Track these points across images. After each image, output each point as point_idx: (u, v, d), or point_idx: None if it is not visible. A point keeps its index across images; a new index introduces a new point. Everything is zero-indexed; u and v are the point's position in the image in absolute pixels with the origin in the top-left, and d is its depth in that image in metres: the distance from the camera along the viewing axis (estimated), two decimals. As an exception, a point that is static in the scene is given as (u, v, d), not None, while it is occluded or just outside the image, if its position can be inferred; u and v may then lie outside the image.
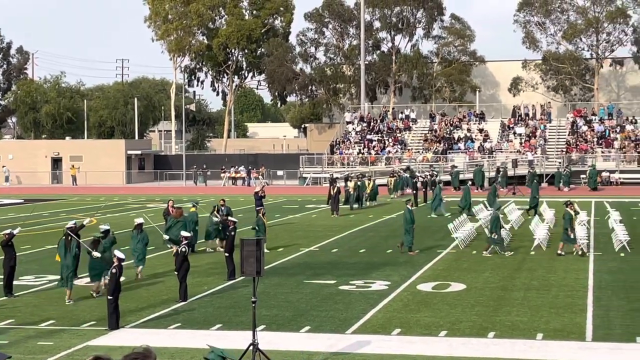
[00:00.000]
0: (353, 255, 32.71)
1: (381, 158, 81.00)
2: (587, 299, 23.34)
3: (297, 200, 60.21)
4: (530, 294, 24.16)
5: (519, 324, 20.46)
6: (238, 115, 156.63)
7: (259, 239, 17.48)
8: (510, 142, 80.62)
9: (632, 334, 19.40)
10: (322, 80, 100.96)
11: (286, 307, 22.79)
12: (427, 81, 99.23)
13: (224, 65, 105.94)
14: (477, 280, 26.46)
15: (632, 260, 30.33)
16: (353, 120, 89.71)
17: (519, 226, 40.95)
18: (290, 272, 28.51)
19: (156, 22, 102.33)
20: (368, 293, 24.59)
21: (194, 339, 19.48)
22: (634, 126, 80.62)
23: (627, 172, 73.68)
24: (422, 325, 20.50)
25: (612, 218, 39.25)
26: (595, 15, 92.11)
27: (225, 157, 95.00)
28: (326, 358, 17.75)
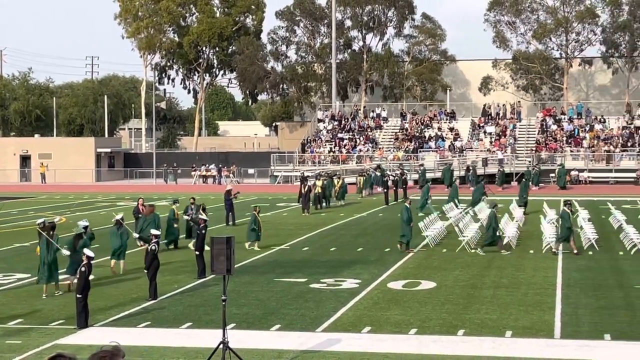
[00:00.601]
0: (324, 253, 32.74)
1: (352, 157, 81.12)
2: (556, 297, 23.51)
3: (268, 198, 60.17)
4: (500, 292, 24.30)
5: (488, 322, 20.57)
6: (209, 113, 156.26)
7: (229, 237, 17.43)
8: (481, 141, 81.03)
9: (600, 331, 19.57)
10: (294, 78, 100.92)
11: (256, 305, 22.78)
12: (398, 80, 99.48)
13: (194, 63, 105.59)
14: (447, 278, 26.57)
15: (600, 259, 30.58)
16: (324, 119, 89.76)
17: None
18: (261, 271, 28.50)
19: (127, 20, 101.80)
20: (339, 291, 24.63)
21: (164, 337, 19.42)
22: (602, 125, 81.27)
23: (595, 171, 74.24)
24: (392, 323, 20.56)
25: (580, 217, 39.54)
26: (565, 15, 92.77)
27: (196, 156, 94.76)
28: (296, 356, 17.76)
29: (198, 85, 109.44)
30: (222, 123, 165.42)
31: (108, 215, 43.44)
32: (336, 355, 17.76)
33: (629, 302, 22.85)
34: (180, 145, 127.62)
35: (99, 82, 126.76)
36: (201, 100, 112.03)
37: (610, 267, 28.65)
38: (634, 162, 74.82)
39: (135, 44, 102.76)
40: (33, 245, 30.81)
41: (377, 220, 45.27)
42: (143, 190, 68.79)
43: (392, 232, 39.22)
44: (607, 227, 39.98)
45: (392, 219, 44.97)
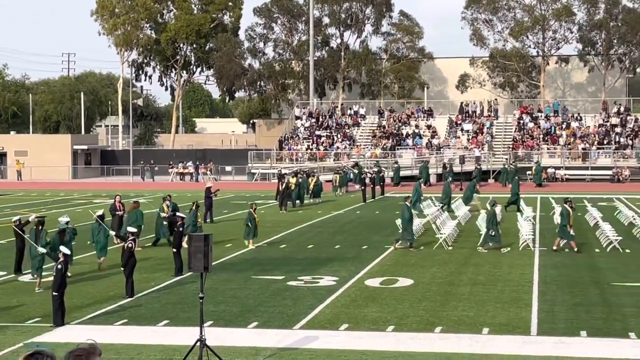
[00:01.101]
0: (301, 250, 32.74)
1: (330, 154, 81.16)
2: (532, 294, 23.62)
3: (246, 195, 60.08)
4: (477, 289, 24.39)
5: (466, 319, 20.64)
6: (186, 110, 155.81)
7: (206, 235, 17.40)
8: (458, 138, 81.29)
9: (576, 328, 19.68)
10: (271, 75, 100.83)
11: (234, 302, 22.75)
12: (375, 77, 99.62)
13: (172, 60, 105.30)
14: (424, 276, 26.64)
15: (577, 256, 30.74)
16: (302, 116, 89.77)
17: (466, 221, 41.28)
18: (239, 268, 28.47)
19: (103, 16, 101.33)
20: (316, 289, 24.64)
21: (141, 335, 19.36)
22: (579, 123, 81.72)
23: (572, 168, 74.67)
24: (369, 320, 20.59)
25: (557, 214, 39.71)
26: (542, 13, 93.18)
27: (173, 153, 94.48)
28: (274, 353, 17.76)
29: (175, 82, 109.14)
30: (200, 120, 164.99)
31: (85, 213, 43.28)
32: (313, 353, 17.77)
33: (605, 299, 23.00)
34: (158, 142, 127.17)
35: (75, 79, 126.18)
36: (178, 97, 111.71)
37: (586, 264, 28.82)
38: (610, 159, 75.29)
39: (112, 40, 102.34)
40: (9, 243, 30.66)
41: (355, 217, 45.32)
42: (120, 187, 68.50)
43: (369, 229, 39.34)
44: (583, 224, 40.20)
45: (369, 217, 45.14)
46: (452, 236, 35.19)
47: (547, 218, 42.84)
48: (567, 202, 32.74)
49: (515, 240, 34.25)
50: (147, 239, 34.43)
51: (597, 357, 17.30)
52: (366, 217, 44.97)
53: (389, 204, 53.34)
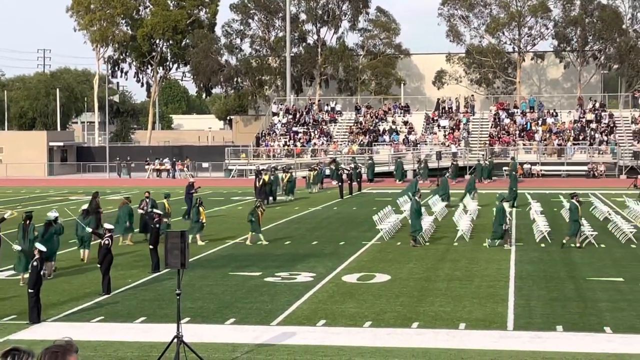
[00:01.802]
0: (278, 247, 32.72)
1: (307, 150, 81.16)
2: (509, 289, 23.72)
3: (223, 192, 60.00)
4: (454, 285, 24.46)
5: (442, 314, 20.71)
6: (163, 106, 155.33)
7: (183, 231, 17.34)
8: (435, 134, 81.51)
9: (552, 322, 19.78)
10: (248, 72, 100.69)
11: (211, 299, 22.71)
12: (352, 73, 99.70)
13: (148, 56, 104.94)
14: (401, 271, 26.69)
15: (553, 251, 30.91)
16: (279, 112, 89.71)
17: (443, 217, 41.42)
18: (215, 265, 28.42)
19: (79, 12, 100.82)
20: (293, 285, 24.64)
21: (118, 332, 19.30)
22: (554, 119, 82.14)
23: (548, 164, 75.06)
24: (347, 316, 20.62)
25: (533, 209, 39.97)
26: (518, 9, 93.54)
27: (149, 149, 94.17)
28: (251, 350, 17.75)
29: (151, 78, 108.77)
30: (176, 117, 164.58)
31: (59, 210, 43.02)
32: (291, 349, 17.77)
33: (581, 293, 23.14)
34: (134, 138, 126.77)
35: (51, 75, 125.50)
36: (155, 93, 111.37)
37: (562, 259, 28.97)
38: (585, 155, 75.72)
39: (87, 36, 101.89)
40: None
41: (332, 213, 45.35)
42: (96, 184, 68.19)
43: (346, 225, 39.38)
44: (559, 219, 40.42)
45: (346, 213, 45.18)
46: (429, 232, 35.28)
47: (523, 214, 43.04)
48: (574, 197, 32.70)
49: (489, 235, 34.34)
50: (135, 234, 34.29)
51: (573, 351, 17.40)
52: (343, 213, 45.01)
53: (366, 200, 53.42)
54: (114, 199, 51.66)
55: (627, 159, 73.91)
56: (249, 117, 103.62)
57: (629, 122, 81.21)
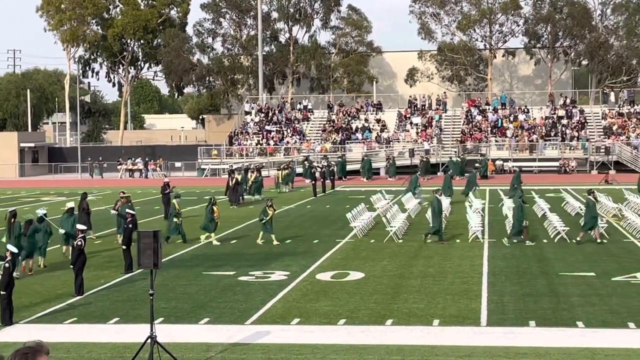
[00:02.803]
0: (252, 246, 32.67)
1: (280, 149, 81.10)
2: (482, 285, 23.82)
3: (196, 191, 59.83)
4: (427, 281, 24.53)
5: (416, 311, 20.75)
6: (135, 106, 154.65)
7: (156, 231, 17.24)
8: (407, 132, 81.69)
9: (525, 318, 19.88)
10: (220, 71, 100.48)
11: (185, 299, 22.65)
12: (325, 72, 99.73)
13: (119, 55, 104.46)
14: (375, 269, 26.73)
15: (525, 247, 31.07)
16: (251, 111, 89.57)
17: (416, 214, 41.52)
18: (189, 264, 28.34)
19: (49, 12, 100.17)
20: (267, 283, 24.62)
21: (91, 333, 19.19)
22: (526, 115, 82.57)
23: (519, 160, 75.41)
24: (321, 314, 20.62)
25: (505, 205, 40.12)
26: (489, 6, 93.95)
27: (122, 149, 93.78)
28: (225, 349, 17.71)
29: (123, 78, 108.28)
30: (149, 116, 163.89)
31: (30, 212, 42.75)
32: (265, 347, 17.75)
33: (553, 289, 23.27)
34: (106, 139, 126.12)
35: (21, 76, 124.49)
36: (126, 93, 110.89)
37: (534, 255, 29.13)
38: (556, 151, 76.18)
39: (58, 36, 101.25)
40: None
41: (305, 212, 45.34)
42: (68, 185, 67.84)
43: (320, 224, 39.40)
44: (531, 215, 40.61)
45: (320, 211, 45.20)
46: (403, 229, 35.37)
47: (495, 210, 43.24)
48: (591, 194, 32.76)
49: (464, 232, 34.53)
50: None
51: (545, 346, 17.49)
52: (317, 212, 45.02)
53: (339, 198, 53.47)
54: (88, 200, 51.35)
55: (598, 155, 74.41)
56: (222, 116, 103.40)
57: (600, 118, 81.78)
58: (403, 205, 43.01)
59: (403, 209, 41.36)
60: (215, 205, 33.70)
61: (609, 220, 37.71)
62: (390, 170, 70.08)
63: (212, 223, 33.35)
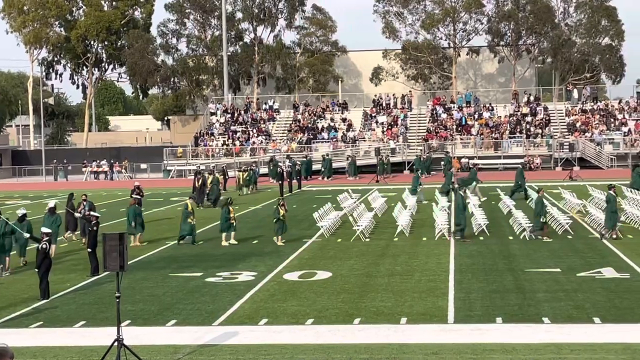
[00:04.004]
0: (219, 247, 32.58)
1: (246, 149, 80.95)
2: (449, 283, 23.91)
3: (162, 193, 59.56)
4: (394, 280, 24.58)
5: (384, 309, 20.79)
6: (99, 108, 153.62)
7: (121, 234, 17.12)
8: (373, 131, 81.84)
9: (492, 314, 19.99)
10: (185, 71, 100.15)
11: (152, 301, 22.54)
12: (290, 71, 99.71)
13: (83, 57, 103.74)
14: (342, 268, 26.76)
15: (491, 244, 31.24)
16: (217, 112, 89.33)
17: (383, 213, 41.61)
18: (156, 266, 28.20)
19: (11, 14, 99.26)
20: (235, 284, 24.56)
21: (57, 337, 19.05)
22: (490, 113, 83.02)
23: (485, 158, 75.82)
24: (288, 314, 20.60)
25: (471, 203, 40.30)
26: (452, 5, 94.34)
27: (86, 151, 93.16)
28: (193, 351, 17.64)
29: (87, 80, 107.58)
30: (113, 118, 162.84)
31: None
32: (233, 348, 17.71)
33: (519, 285, 23.41)
34: (70, 141, 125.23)
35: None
36: (90, 95, 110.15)
37: (500, 252, 29.29)
38: (521, 148, 76.69)
39: (20, 38, 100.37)
40: None
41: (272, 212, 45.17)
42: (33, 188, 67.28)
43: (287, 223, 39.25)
44: (497, 212, 40.89)
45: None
46: (369, 228, 35.43)
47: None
48: (612, 189, 32.81)
49: (430, 230, 34.65)
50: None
51: (512, 342, 17.59)
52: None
53: (306, 197, 53.47)
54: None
55: (562, 152, 74.97)
56: (187, 117, 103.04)
57: (563, 114, 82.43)
58: (370, 204, 43.10)
59: (369, 207, 41.44)
60: (230, 205, 33.57)
61: (573, 216, 38.00)
62: (350, 170, 70.36)
63: (226, 223, 33.13)
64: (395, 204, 40.42)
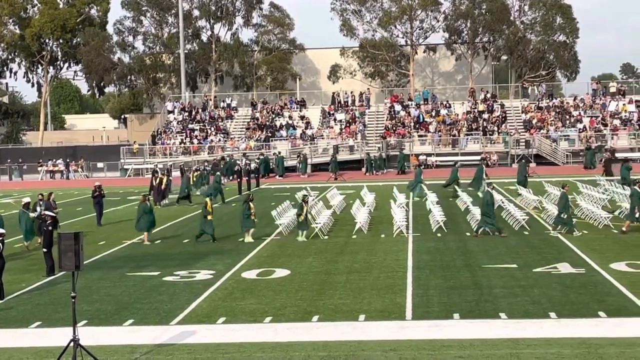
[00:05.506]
0: (177, 245, 32.43)
1: (204, 147, 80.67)
2: (407, 279, 23.99)
3: (119, 192, 59.16)
4: (353, 277, 24.62)
5: (342, 307, 20.81)
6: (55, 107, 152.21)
7: (77, 233, 16.94)
8: (331, 128, 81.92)
9: (449, 311, 20.08)
10: (142, 69, 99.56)
11: (108, 301, 22.36)
12: (248, 69, 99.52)
13: (38, 55, 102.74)
14: (301, 266, 26.75)
15: (448, 240, 31.39)
16: (174, 110, 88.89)
17: (341, 211, 41.66)
18: (113, 265, 27.99)
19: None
20: (192, 283, 24.45)
21: (12, 338, 18.83)
22: (448, 110, 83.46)
23: (442, 155, 76.23)
24: (247, 312, 20.55)
25: (429, 200, 40.51)
26: (409, 3, 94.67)
27: (42, 150, 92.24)
28: (151, 350, 17.53)
29: (42, 78, 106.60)
30: (69, 117, 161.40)
31: None
32: (191, 348, 17.63)
33: (476, 281, 23.55)
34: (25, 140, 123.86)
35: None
36: (46, 93, 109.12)
37: (457, 248, 29.45)
38: (478, 145, 77.19)
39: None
40: None
41: (230, 210, 45.14)
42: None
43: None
44: (454, 209, 41.10)
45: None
46: (328, 225, 35.46)
47: (419, 204, 43.59)
48: (637, 184, 32.83)
49: (389, 227, 34.74)
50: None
51: (470, 338, 17.69)
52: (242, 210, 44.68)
53: (264, 195, 53.37)
54: (4, 202, 50.63)
55: (519, 148, 75.61)
56: (144, 116, 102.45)
57: (520, 111, 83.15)
58: (328, 201, 43.13)
59: (328, 205, 41.47)
60: (252, 201, 33.30)
61: (529, 212, 38.29)
62: (301, 168, 70.59)
63: (248, 220, 32.83)
64: (353, 202, 40.48)
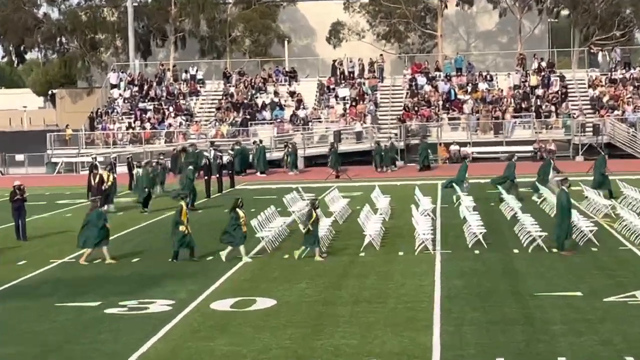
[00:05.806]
0: (124, 266, 32.48)
1: (159, 134, 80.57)
2: (433, 312, 24.03)
3: (45, 194, 59.19)
4: (361, 309, 24.66)
5: (346, 349, 20.85)
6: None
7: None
8: (332, 108, 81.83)
9: (491, 354, 20.11)
10: (76, 29, 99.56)
11: (31, 340, 22.41)
12: (219, 29, 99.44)
13: None
14: (290, 294, 26.79)
15: (489, 259, 31.41)
16: (120, 84, 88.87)
17: (345, 219, 41.68)
18: (38, 293, 28.04)
19: None
20: (145, 317, 24.51)
21: None
22: (489, 84, 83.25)
23: (481, 144, 76.13)
24: (218, 356, 20.61)
25: (463, 205, 40.50)
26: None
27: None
28: (88, 407, 17.62)
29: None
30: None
31: None
32: (143, 404, 17.72)
33: (527, 314, 23.59)
34: None
35: None
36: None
37: (502, 270, 29.48)
38: (529, 131, 77.10)
39: None
40: None
41: (196, 218, 44.93)
42: None
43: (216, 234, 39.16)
44: (497, 217, 41.15)
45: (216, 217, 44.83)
46: (327, 239, 35.48)
47: (451, 210, 43.65)
48: None
49: (409, 241, 34.78)
50: None
51: (518, 390, 17.78)
52: (211, 218, 44.82)
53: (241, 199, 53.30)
54: None
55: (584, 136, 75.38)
56: (79, 91, 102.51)
57: (586, 86, 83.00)
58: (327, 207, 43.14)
59: (327, 212, 41.46)
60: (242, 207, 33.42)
61: (599, 221, 38.34)
62: (289, 162, 70.23)
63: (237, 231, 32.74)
64: (361, 207, 40.47)
